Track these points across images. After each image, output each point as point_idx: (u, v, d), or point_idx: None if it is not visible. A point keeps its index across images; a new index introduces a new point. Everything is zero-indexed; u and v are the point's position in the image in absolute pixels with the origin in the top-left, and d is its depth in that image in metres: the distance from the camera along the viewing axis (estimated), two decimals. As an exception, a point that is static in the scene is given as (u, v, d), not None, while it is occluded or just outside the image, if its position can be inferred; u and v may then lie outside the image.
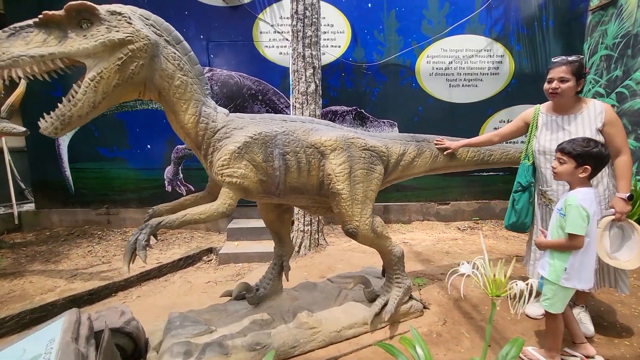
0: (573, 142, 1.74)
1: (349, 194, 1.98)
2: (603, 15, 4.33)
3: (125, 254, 1.52)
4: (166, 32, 1.65)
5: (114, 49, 1.43)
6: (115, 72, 1.45)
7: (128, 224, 4.75)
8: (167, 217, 1.61)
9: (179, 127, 1.76)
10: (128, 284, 3.30)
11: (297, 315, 2.14)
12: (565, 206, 1.68)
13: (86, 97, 1.43)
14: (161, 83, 1.63)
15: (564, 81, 2.02)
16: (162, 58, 1.59)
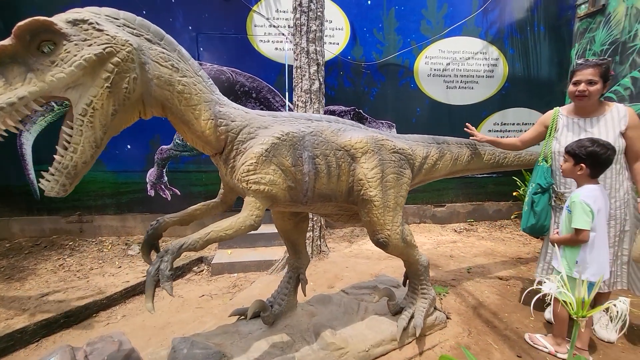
0: (575, 142, 1.83)
1: (381, 201, 1.81)
2: (591, 22, 4.48)
3: (147, 288, 1.25)
4: (143, 29, 1.30)
5: (95, 68, 1.12)
6: (107, 98, 1.16)
7: (104, 232, 4.28)
8: (188, 238, 1.35)
9: (195, 137, 1.49)
10: (111, 302, 2.93)
11: (321, 334, 1.94)
12: (571, 203, 1.79)
13: (84, 137, 1.14)
14: (161, 93, 1.33)
15: (592, 83, 1.98)
16: (152, 63, 1.28)
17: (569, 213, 1.82)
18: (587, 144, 1.77)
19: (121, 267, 3.56)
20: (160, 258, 1.29)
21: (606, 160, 1.76)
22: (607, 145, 1.77)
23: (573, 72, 2.07)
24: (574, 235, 1.77)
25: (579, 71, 2.03)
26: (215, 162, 1.68)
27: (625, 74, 3.96)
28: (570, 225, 1.78)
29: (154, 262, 1.29)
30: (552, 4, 4.72)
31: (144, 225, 4.35)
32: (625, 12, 4.00)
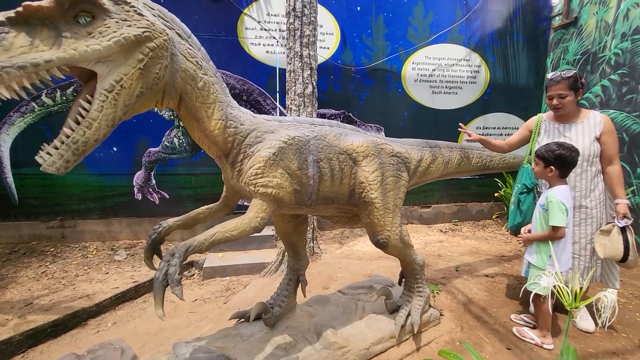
0: (543, 147, 2.00)
1: (381, 203, 1.88)
2: (565, 33, 4.78)
3: (156, 294, 1.22)
4: (175, 23, 1.36)
5: (130, 49, 1.13)
6: (137, 79, 1.16)
7: (88, 237, 4.14)
8: (194, 239, 1.35)
9: (202, 135, 1.50)
10: (100, 310, 2.84)
11: (323, 334, 1.98)
12: (547, 202, 1.93)
13: (103, 114, 1.11)
14: (184, 86, 1.35)
15: (563, 97, 2.15)
16: (181, 56, 1.32)
17: (544, 211, 1.97)
18: (554, 147, 1.95)
19: (108, 273, 3.46)
20: (167, 262, 1.27)
21: (572, 161, 1.94)
22: (572, 148, 1.94)
23: (546, 87, 2.26)
24: (552, 233, 1.93)
25: (549, 87, 2.22)
26: (221, 165, 1.69)
27: (596, 83, 4.24)
28: (548, 224, 1.94)
29: (161, 267, 1.27)
30: (529, 15, 4.99)
31: (130, 229, 4.23)
32: (595, 25, 4.29)
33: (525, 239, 2.10)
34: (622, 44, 3.94)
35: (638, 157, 3.76)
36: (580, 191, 2.19)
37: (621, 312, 2.55)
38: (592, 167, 2.18)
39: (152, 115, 4.12)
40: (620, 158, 3.88)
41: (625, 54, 3.90)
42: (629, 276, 3.23)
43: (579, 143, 2.13)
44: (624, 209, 2.06)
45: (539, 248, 2.02)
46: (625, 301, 2.71)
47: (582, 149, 2.13)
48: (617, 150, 2.17)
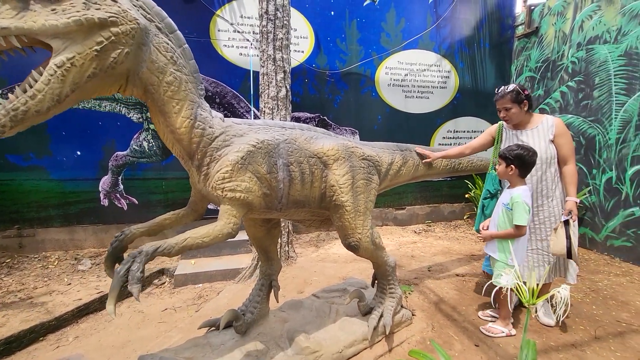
0: (505, 148, 2.14)
1: (352, 206, 1.89)
2: (527, 42, 5.05)
3: (112, 288, 1.19)
4: (158, 17, 1.37)
5: (91, 30, 1.13)
6: (91, 60, 1.15)
7: (49, 246, 3.90)
8: (164, 242, 1.32)
9: (168, 131, 1.46)
10: (60, 324, 2.67)
11: (295, 339, 1.96)
12: (513, 202, 2.04)
13: (49, 87, 1.10)
14: (149, 77, 1.34)
15: (508, 109, 2.31)
16: (153, 48, 1.32)
17: (508, 210, 2.08)
18: (514, 148, 2.08)
19: (71, 284, 3.26)
20: (133, 258, 1.24)
21: (530, 161, 2.06)
22: (530, 149, 2.07)
23: (494, 101, 2.40)
24: (516, 231, 2.05)
25: (496, 101, 2.38)
26: (188, 169, 1.64)
27: (556, 89, 4.51)
28: (510, 222, 2.06)
29: (125, 262, 1.24)
30: (495, 23, 5.24)
31: (96, 237, 4.03)
32: (554, 35, 4.57)
33: (487, 235, 2.20)
34: (578, 53, 4.21)
35: (593, 159, 4.02)
36: (543, 191, 2.31)
37: (579, 305, 2.70)
38: (550, 168, 2.30)
39: (119, 117, 3.96)
40: (577, 160, 4.15)
41: (581, 62, 4.17)
42: (587, 271, 3.43)
43: (536, 147, 2.25)
44: (570, 206, 2.20)
45: (501, 245, 2.14)
46: (582, 295, 2.87)
47: (540, 152, 2.25)
48: (572, 151, 2.29)
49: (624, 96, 3.67)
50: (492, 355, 2.08)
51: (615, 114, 3.75)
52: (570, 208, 2.20)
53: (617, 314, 2.57)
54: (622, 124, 3.69)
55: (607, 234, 3.86)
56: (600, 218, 3.93)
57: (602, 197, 3.91)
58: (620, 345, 2.18)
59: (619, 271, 3.44)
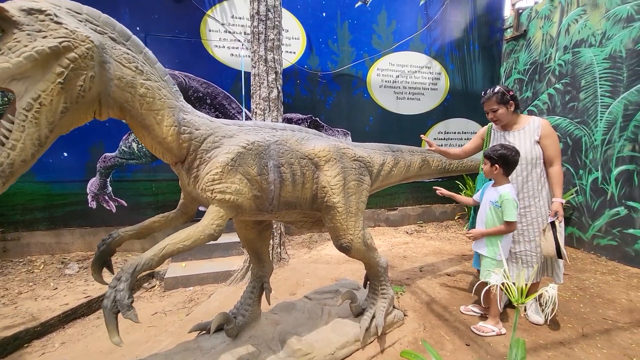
0: (489, 148, 2.20)
1: (344, 207, 1.89)
2: (515, 45, 5.13)
3: (107, 322, 1.16)
4: (108, 27, 1.25)
5: (47, 62, 1.04)
6: (58, 94, 1.07)
7: (34, 250, 3.80)
8: (141, 257, 1.27)
9: (155, 143, 1.43)
10: (46, 329, 2.61)
11: (287, 342, 1.94)
12: (502, 200, 2.11)
13: (26, 134, 1.03)
14: (121, 95, 1.27)
15: (495, 111, 2.35)
16: (115, 63, 1.23)
17: (497, 207, 2.15)
18: (497, 148, 2.15)
19: (57, 288, 3.19)
20: (114, 288, 1.20)
21: (513, 160, 2.13)
22: (513, 149, 2.14)
23: (482, 104, 2.44)
24: (507, 227, 2.12)
25: (484, 103, 2.43)
26: (177, 171, 1.62)
27: (543, 91, 4.59)
28: (499, 218, 2.14)
29: (108, 295, 1.19)
30: (484, 26, 5.31)
31: (83, 240, 3.95)
32: (541, 38, 4.65)
33: (477, 233, 2.23)
34: (565, 56, 4.30)
35: (580, 160, 4.10)
36: (529, 192, 2.34)
37: (567, 304, 2.74)
38: (536, 168, 2.33)
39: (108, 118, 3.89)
40: (564, 161, 4.23)
41: (567, 65, 4.26)
42: (574, 270, 3.49)
43: (522, 147, 2.29)
44: (556, 207, 2.24)
45: (489, 241, 2.20)
46: (570, 294, 2.92)
47: (525, 152, 2.28)
48: (558, 153, 2.32)
49: (609, 98, 3.75)
50: (482, 354, 2.10)
51: (601, 115, 3.83)
52: (556, 209, 2.24)
53: (603, 311, 2.62)
54: (607, 125, 3.78)
55: (593, 233, 3.94)
56: (586, 217, 4.01)
57: (589, 197, 3.99)
58: (606, 342, 2.22)
59: (605, 269, 3.51)
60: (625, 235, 3.60)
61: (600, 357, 2.07)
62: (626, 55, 3.59)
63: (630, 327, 2.40)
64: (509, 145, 2.16)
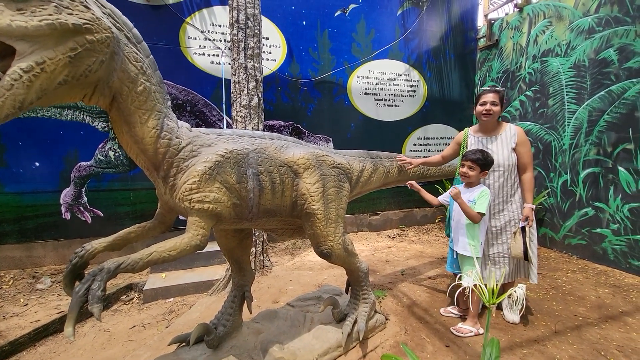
0: (479, 154, 2.26)
1: (323, 214, 1.91)
2: (489, 53, 5.35)
3: (71, 308, 1.13)
4: (126, 26, 1.34)
5: (64, 35, 1.06)
6: (63, 66, 1.08)
7: (3, 265, 3.62)
8: (127, 257, 1.27)
9: (132, 141, 1.42)
10: (15, 348, 2.49)
11: (269, 350, 1.94)
12: (480, 195, 2.23)
13: (11, 93, 1.00)
14: (120, 87, 1.31)
15: (495, 104, 2.39)
16: (124, 57, 1.29)
17: (473, 204, 2.25)
18: (486, 155, 2.29)
19: (28, 304, 3.05)
20: (93, 276, 1.19)
21: (491, 162, 2.30)
22: (488, 152, 2.30)
23: (480, 96, 2.47)
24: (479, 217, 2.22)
25: (484, 95, 2.44)
26: (153, 180, 1.60)
27: (515, 98, 4.80)
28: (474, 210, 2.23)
29: (84, 280, 1.19)
30: (459, 35, 5.52)
31: (57, 253, 3.79)
32: (512, 47, 4.88)
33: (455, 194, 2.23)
34: (534, 64, 4.52)
35: (550, 163, 4.30)
36: (504, 197, 2.43)
37: (541, 302, 2.85)
38: (512, 175, 2.42)
39: (82, 126, 3.78)
40: (536, 164, 4.41)
41: (537, 73, 4.48)
42: (547, 269, 3.64)
43: (500, 154, 2.38)
44: (527, 212, 2.34)
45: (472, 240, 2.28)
46: (544, 292, 3.04)
47: (502, 159, 2.37)
48: (531, 160, 2.43)
49: (575, 105, 3.97)
50: (461, 354, 2.15)
51: (568, 121, 4.04)
52: (527, 214, 2.33)
53: (574, 308, 2.74)
54: (574, 130, 3.99)
55: (564, 233, 4.12)
56: (558, 218, 4.20)
57: (559, 198, 4.18)
58: (577, 338, 2.33)
59: (576, 268, 3.67)
60: (594, 234, 3.79)
61: (571, 353, 2.16)
62: (589, 64, 3.81)
63: (599, 323, 2.53)
64: (485, 151, 2.30)
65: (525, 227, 2.31)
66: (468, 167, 2.28)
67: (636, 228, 3.39)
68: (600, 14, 3.67)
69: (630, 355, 2.14)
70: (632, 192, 3.42)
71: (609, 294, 3.00)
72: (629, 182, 3.44)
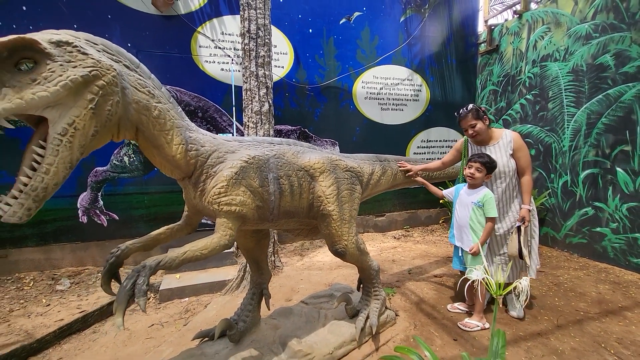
0: (487, 157, 2.42)
1: (338, 215, 2.04)
2: (489, 58, 5.49)
3: (119, 302, 1.23)
4: (121, 56, 1.37)
5: (79, 90, 1.13)
6: (90, 119, 1.16)
7: (23, 267, 3.75)
8: (165, 256, 1.39)
9: (165, 161, 1.53)
10: (42, 346, 2.60)
11: (288, 344, 2.05)
12: (485, 199, 2.36)
13: (60, 158, 1.11)
14: (138, 118, 1.37)
15: (473, 126, 2.53)
16: (131, 88, 1.34)
17: (480, 207, 2.38)
18: (490, 159, 2.44)
19: (50, 304, 3.17)
20: (137, 272, 1.29)
21: (496, 166, 2.46)
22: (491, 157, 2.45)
23: (458, 122, 2.63)
24: (492, 222, 2.37)
25: (460, 122, 2.60)
26: (183, 186, 1.72)
27: (516, 101, 4.93)
28: (483, 216, 2.38)
29: (130, 276, 1.28)
30: (460, 41, 5.66)
31: (74, 255, 3.92)
32: (512, 52, 5.02)
33: (477, 247, 2.32)
34: (533, 69, 4.65)
35: (551, 164, 4.42)
36: (507, 200, 2.55)
37: (544, 298, 2.97)
38: (513, 179, 2.54)
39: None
40: (537, 166, 4.53)
41: (536, 77, 4.61)
42: (549, 267, 3.75)
43: (499, 161, 2.50)
44: (523, 213, 2.46)
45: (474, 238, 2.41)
46: (546, 289, 3.16)
47: (502, 165, 2.50)
48: (529, 163, 2.53)
49: (574, 108, 4.10)
50: (468, 347, 2.26)
51: (567, 124, 4.17)
52: (523, 215, 2.45)
53: (576, 304, 2.86)
54: (573, 133, 4.11)
55: (565, 233, 4.24)
56: (559, 218, 4.31)
57: (560, 199, 4.30)
58: (579, 331, 2.44)
59: (577, 266, 3.79)
60: (594, 233, 3.91)
61: (573, 345, 2.28)
62: (587, 69, 3.95)
63: (599, 317, 2.64)
64: (490, 155, 2.46)
65: (521, 227, 2.43)
66: (476, 169, 2.40)
67: (634, 227, 3.50)
68: (597, 20, 3.81)
69: (629, 347, 2.25)
70: (630, 192, 3.54)
71: (609, 290, 3.12)
72: (626, 183, 3.57)
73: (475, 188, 2.44)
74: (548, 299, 2.95)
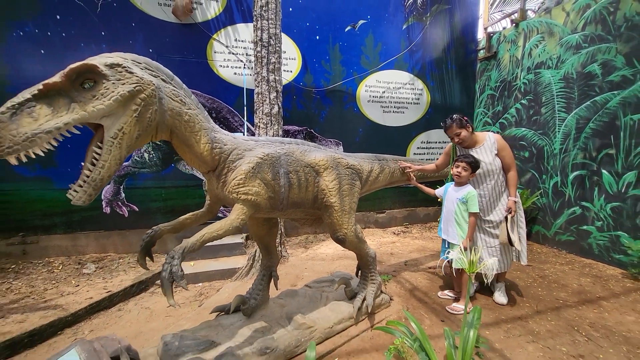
0: (472, 158, 2.68)
1: (339, 206, 2.33)
2: (487, 64, 5.74)
3: (165, 289, 1.50)
4: (160, 71, 1.65)
5: (127, 102, 1.42)
6: (135, 125, 1.46)
7: (52, 252, 4.10)
8: (187, 241, 1.65)
9: (194, 157, 1.83)
10: (76, 319, 2.93)
11: (294, 318, 2.35)
12: (470, 196, 2.62)
13: (112, 155, 1.42)
14: (172, 122, 1.67)
15: (458, 134, 2.80)
16: (167, 98, 1.61)
17: (463, 202, 2.65)
18: (474, 158, 2.68)
19: (79, 285, 3.51)
20: (170, 264, 1.54)
21: (479, 165, 2.70)
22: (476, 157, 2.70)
23: (445, 132, 2.90)
24: (474, 217, 2.63)
25: (447, 131, 2.88)
26: (208, 178, 2.03)
27: (512, 106, 5.18)
28: (466, 211, 2.65)
29: (165, 268, 1.53)
30: (460, 47, 5.91)
31: (97, 243, 4.27)
32: (509, 59, 5.26)
33: (466, 241, 2.60)
34: (528, 75, 4.90)
35: (543, 166, 4.66)
36: (496, 194, 2.82)
37: (528, 288, 3.23)
38: (500, 176, 2.81)
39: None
40: (530, 167, 4.77)
41: (531, 83, 4.85)
42: (537, 262, 4.01)
43: (486, 161, 2.77)
44: (510, 204, 2.73)
45: (461, 231, 2.69)
46: (531, 281, 3.42)
47: (489, 165, 2.77)
48: (513, 160, 2.79)
49: (564, 113, 4.34)
50: (454, 327, 2.54)
51: (558, 128, 4.41)
52: (510, 206, 2.73)
53: (557, 294, 3.12)
54: (563, 136, 4.36)
55: (555, 230, 4.48)
56: (549, 217, 4.56)
57: (551, 198, 4.54)
58: (555, 316, 2.71)
59: (564, 261, 4.03)
60: (581, 231, 4.15)
61: (548, 327, 2.54)
62: (576, 76, 4.19)
63: (577, 305, 2.90)
64: (474, 156, 2.71)
65: (508, 216, 2.70)
66: (462, 168, 2.67)
67: (617, 225, 3.75)
68: (586, 31, 4.05)
69: (599, 330, 2.51)
70: (614, 192, 3.78)
71: (590, 283, 3.37)
72: (610, 184, 3.81)
73: (461, 186, 2.72)
74: (532, 289, 3.21)
